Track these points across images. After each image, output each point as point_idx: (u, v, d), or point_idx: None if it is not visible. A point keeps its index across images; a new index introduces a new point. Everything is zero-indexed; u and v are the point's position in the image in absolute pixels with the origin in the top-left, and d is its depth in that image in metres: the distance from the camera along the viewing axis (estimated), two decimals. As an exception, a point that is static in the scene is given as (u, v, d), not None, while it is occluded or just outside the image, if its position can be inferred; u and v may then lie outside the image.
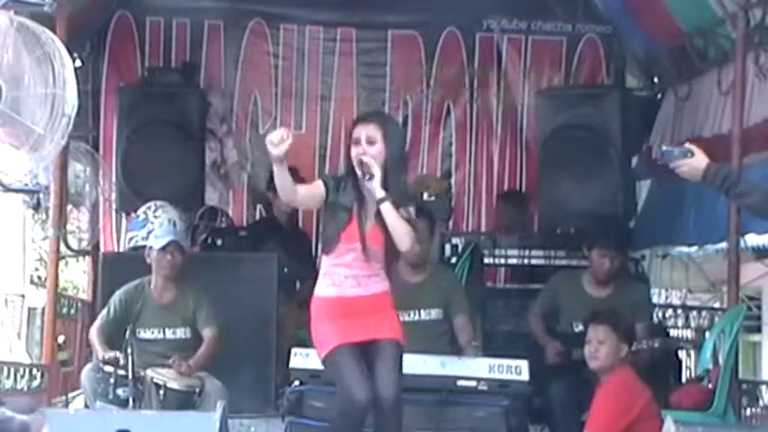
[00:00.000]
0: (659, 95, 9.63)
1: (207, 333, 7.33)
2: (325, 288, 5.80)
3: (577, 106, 8.86)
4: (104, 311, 7.47)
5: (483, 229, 9.77)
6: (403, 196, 5.76)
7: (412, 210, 5.80)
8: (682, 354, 8.76)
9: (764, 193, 5.26)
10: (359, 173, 5.73)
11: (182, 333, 7.40)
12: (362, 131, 5.76)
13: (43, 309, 9.47)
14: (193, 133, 9.12)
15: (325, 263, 5.84)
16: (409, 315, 7.24)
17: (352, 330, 5.69)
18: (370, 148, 5.71)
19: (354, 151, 5.75)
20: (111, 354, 7.05)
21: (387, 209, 5.67)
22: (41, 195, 8.67)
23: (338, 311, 5.74)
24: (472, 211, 10.14)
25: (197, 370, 7.15)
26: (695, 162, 5.21)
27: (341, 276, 5.76)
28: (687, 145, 5.29)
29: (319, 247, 9.61)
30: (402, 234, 5.69)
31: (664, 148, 5.35)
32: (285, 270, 8.16)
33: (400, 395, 5.70)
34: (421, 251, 7.21)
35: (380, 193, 5.67)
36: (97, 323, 7.45)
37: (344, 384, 5.61)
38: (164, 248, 7.40)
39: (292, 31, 10.05)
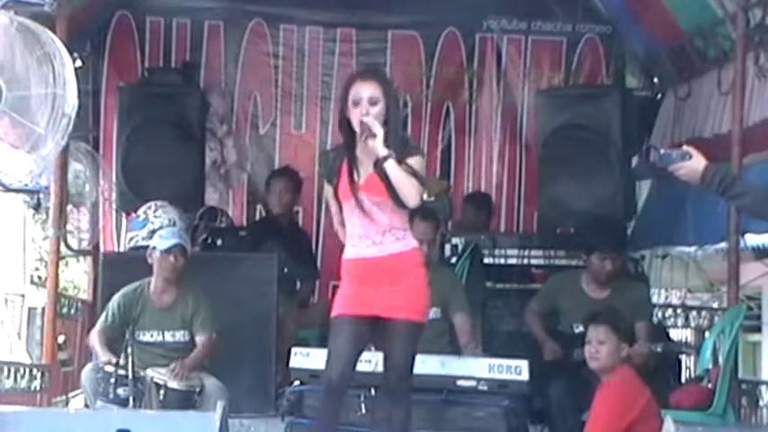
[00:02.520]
0: (659, 95, 9.64)
1: (199, 339, 7.30)
2: (347, 249, 5.81)
3: (577, 106, 8.85)
4: (103, 317, 7.42)
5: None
6: (406, 149, 5.72)
7: (416, 160, 5.70)
8: (682, 354, 8.76)
9: (759, 194, 5.26)
10: (359, 134, 5.69)
11: (180, 336, 7.36)
12: (364, 91, 5.70)
13: (43, 309, 9.49)
14: (193, 133, 9.11)
15: (348, 227, 5.84)
16: (409, 315, 7.25)
17: (362, 301, 5.68)
18: (372, 109, 5.67)
19: (355, 112, 5.69)
20: (114, 359, 7.03)
21: (391, 167, 5.62)
22: (41, 195, 8.69)
23: (356, 273, 5.74)
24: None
25: (190, 372, 7.14)
26: (694, 164, 5.19)
27: (356, 237, 5.75)
28: (685, 147, 5.26)
29: (320, 245, 9.74)
30: (409, 189, 5.63)
31: (662, 151, 5.30)
32: (285, 270, 8.16)
33: (406, 379, 5.73)
34: (429, 251, 7.22)
35: (383, 152, 5.62)
36: (97, 328, 7.41)
37: (327, 360, 5.70)
38: (167, 251, 7.37)
39: (292, 32, 10.04)
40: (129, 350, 6.98)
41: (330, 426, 5.74)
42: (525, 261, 8.80)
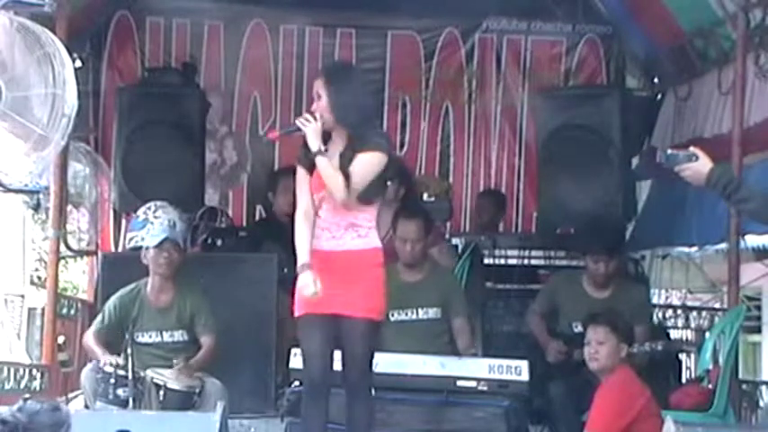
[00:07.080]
0: (659, 96, 9.64)
1: (205, 341, 7.28)
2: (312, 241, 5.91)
3: (577, 106, 8.85)
4: (99, 318, 7.41)
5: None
6: (362, 145, 5.78)
7: (360, 158, 5.75)
8: (682, 354, 8.76)
9: (763, 199, 5.29)
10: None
11: (179, 336, 7.34)
12: (315, 86, 5.95)
13: (43, 309, 9.48)
14: (193, 133, 9.10)
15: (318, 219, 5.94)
16: (407, 314, 7.26)
17: (322, 299, 5.73)
18: (319, 102, 5.87)
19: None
20: (113, 358, 7.03)
21: (318, 162, 5.76)
22: (41, 196, 8.68)
23: (315, 265, 5.78)
24: (470, 212, 10.14)
25: (194, 373, 7.13)
26: (699, 166, 5.26)
27: (319, 228, 5.85)
28: (692, 149, 5.33)
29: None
30: (332, 185, 5.75)
31: (669, 152, 5.40)
32: (285, 270, 8.15)
33: (367, 377, 5.82)
34: (412, 251, 7.21)
35: (313, 147, 5.77)
36: (92, 329, 7.39)
37: (305, 361, 5.86)
38: (159, 246, 7.34)
39: (292, 32, 10.04)
40: (129, 351, 6.98)
41: (319, 426, 5.80)
42: (525, 261, 8.80)
